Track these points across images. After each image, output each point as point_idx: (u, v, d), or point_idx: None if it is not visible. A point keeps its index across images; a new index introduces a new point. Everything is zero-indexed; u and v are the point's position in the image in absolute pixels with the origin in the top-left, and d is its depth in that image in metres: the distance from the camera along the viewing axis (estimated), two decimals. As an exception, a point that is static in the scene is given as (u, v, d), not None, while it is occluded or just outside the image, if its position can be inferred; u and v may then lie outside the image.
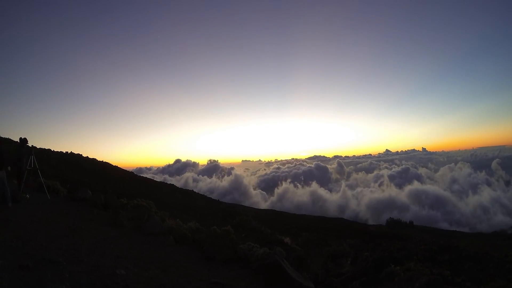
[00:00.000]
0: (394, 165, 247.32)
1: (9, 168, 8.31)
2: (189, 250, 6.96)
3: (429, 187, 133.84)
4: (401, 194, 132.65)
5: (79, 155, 46.97)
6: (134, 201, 10.15)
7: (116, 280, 4.03)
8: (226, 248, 6.59)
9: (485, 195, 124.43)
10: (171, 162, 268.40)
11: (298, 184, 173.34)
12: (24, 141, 9.32)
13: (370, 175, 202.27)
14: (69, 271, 3.95)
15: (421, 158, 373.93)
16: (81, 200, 10.34)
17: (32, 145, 9.93)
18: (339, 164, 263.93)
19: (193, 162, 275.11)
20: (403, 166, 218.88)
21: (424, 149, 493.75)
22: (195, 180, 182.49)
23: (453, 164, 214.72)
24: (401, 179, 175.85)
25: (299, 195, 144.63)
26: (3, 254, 4.13)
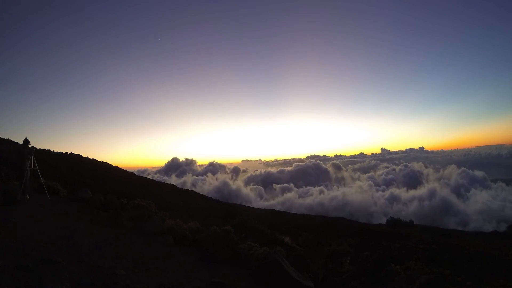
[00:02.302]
0: (391, 165, 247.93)
1: None
2: (189, 250, 6.96)
3: (426, 186, 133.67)
4: (398, 194, 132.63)
5: (79, 156, 47.02)
6: (134, 201, 10.14)
7: (116, 280, 4.03)
8: (226, 248, 6.59)
9: (484, 194, 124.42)
10: (171, 162, 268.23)
11: (295, 183, 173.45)
12: (26, 142, 9.34)
13: (368, 175, 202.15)
14: (69, 272, 3.95)
15: (419, 157, 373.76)
16: (81, 201, 10.34)
17: (32, 146, 9.94)
18: (337, 164, 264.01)
19: (194, 162, 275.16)
20: (401, 165, 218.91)
21: (421, 148, 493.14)
22: (195, 180, 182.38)
23: (453, 164, 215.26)
24: (399, 178, 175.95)
25: (296, 194, 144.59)
26: (3, 254, 4.13)
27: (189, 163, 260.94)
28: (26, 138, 9.36)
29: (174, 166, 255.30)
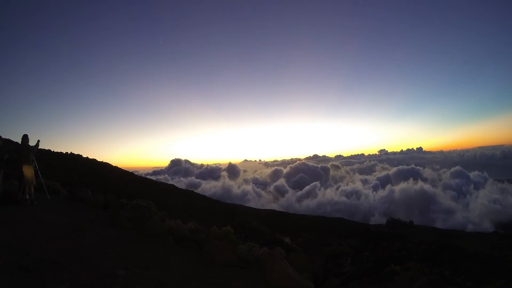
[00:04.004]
0: (389, 165, 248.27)
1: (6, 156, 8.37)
2: (189, 250, 6.96)
3: (425, 186, 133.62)
4: (396, 194, 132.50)
5: (79, 156, 46.98)
6: (134, 201, 10.14)
7: (116, 280, 4.03)
8: (226, 248, 6.60)
9: (481, 194, 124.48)
10: (172, 162, 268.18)
11: (294, 184, 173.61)
12: (25, 139, 9.19)
13: (366, 175, 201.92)
14: (69, 272, 3.95)
15: (417, 158, 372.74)
16: (81, 201, 10.35)
17: (38, 141, 9.72)
18: (335, 164, 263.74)
19: (194, 163, 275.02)
20: (399, 166, 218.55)
21: (420, 148, 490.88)
22: (195, 181, 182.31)
23: (451, 164, 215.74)
24: (397, 178, 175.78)
25: (295, 194, 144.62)
26: (3, 254, 4.12)
27: (190, 164, 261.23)
28: (24, 134, 9.07)
29: (175, 166, 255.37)
